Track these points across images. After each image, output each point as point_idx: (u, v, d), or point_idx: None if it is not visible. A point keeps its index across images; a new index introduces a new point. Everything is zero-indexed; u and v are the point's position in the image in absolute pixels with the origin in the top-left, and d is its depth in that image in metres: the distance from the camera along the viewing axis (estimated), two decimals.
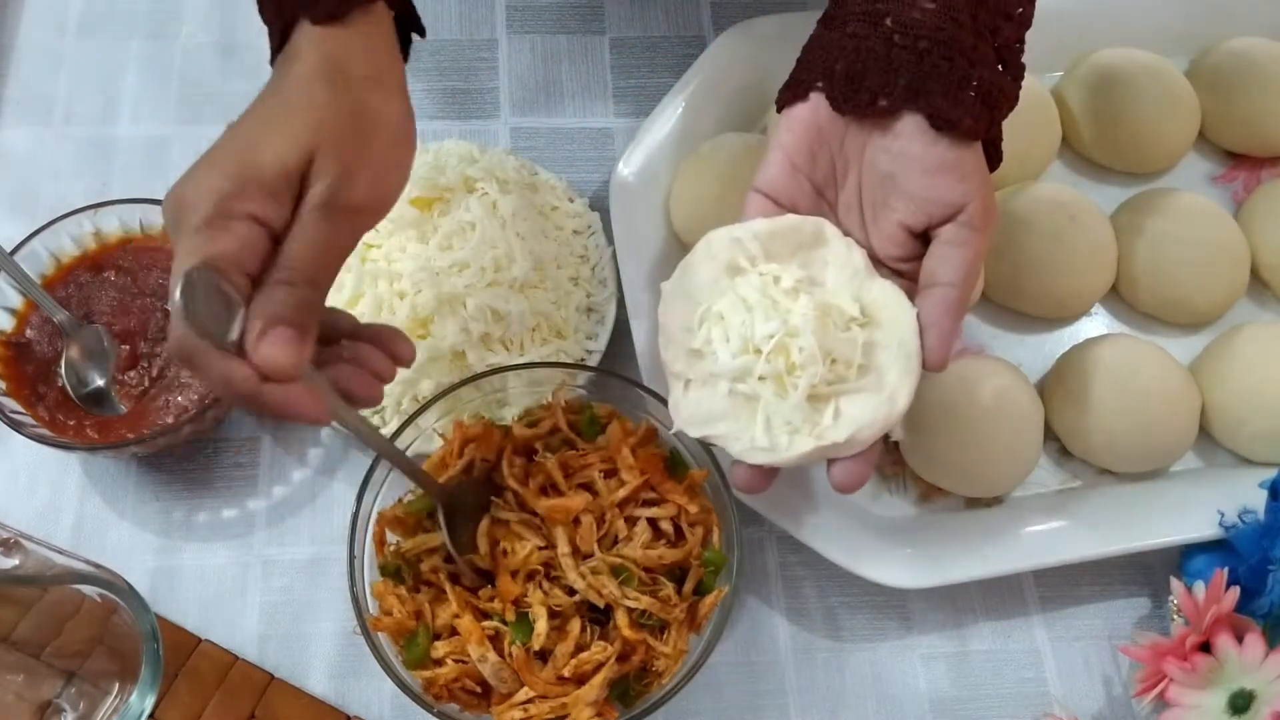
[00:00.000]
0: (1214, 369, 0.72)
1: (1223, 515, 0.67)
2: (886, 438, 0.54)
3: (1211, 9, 0.86)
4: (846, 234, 0.56)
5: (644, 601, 0.57)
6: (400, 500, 0.62)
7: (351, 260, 0.69)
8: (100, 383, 0.67)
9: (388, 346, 0.54)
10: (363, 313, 0.68)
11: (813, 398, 0.52)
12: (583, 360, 0.71)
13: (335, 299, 0.69)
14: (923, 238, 0.55)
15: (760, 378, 0.52)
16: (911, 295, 0.54)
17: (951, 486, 0.70)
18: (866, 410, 0.51)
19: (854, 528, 0.67)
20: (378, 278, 0.69)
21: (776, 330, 0.52)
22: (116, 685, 0.59)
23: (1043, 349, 0.76)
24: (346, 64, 0.50)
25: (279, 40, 0.51)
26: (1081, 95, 0.81)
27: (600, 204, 0.76)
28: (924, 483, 0.71)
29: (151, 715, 0.58)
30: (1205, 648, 0.62)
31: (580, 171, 0.82)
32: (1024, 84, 0.79)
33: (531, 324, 0.70)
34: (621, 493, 0.60)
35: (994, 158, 0.57)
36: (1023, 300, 0.76)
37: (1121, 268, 0.76)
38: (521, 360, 0.68)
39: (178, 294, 0.43)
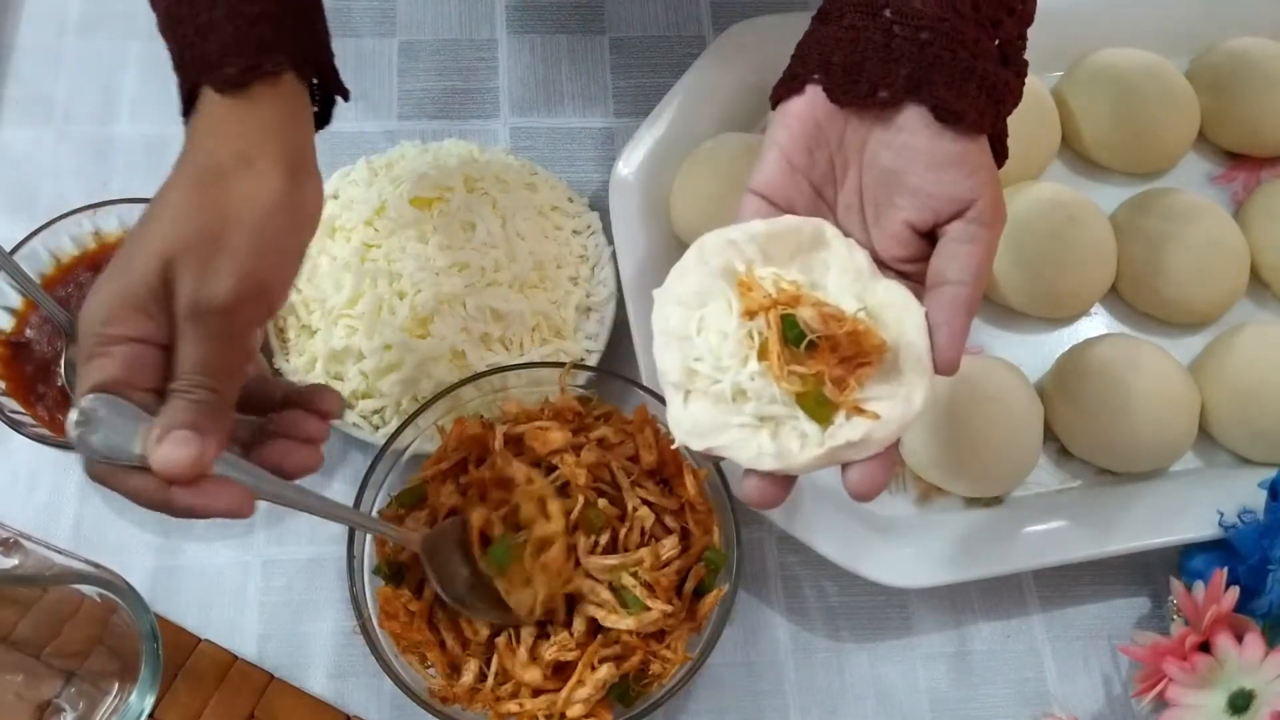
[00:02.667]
0: (1214, 369, 0.72)
1: (1222, 515, 0.67)
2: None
3: (1211, 9, 0.86)
4: (847, 235, 0.53)
5: (634, 623, 0.58)
6: (391, 498, 0.63)
7: (351, 260, 0.69)
8: None
9: (314, 406, 0.52)
10: (362, 312, 0.68)
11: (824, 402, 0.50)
12: (582, 360, 0.71)
13: (335, 299, 0.69)
14: (928, 237, 0.53)
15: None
16: (918, 297, 0.52)
17: (951, 486, 0.70)
18: (881, 410, 0.49)
19: (854, 527, 0.67)
20: (377, 277, 0.69)
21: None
22: (116, 685, 0.59)
23: (1043, 349, 0.75)
24: (220, 154, 0.49)
25: (187, 100, 0.51)
26: (1081, 95, 0.81)
27: (600, 204, 0.76)
28: (924, 483, 0.71)
29: (151, 715, 0.58)
30: (1205, 648, 0.62)
31: (580, 171, 0.82)
32: (1024, 84, 0.80)
33: (531, 324, 0.70)
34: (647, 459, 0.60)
35: (1000, 154, 0.55)
36: (1023, 300, 0.76)
37: (1121, 268, 0.76)
38: (521, 360, 0.68)
39: (71, 428, 0.44)
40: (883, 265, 0.53)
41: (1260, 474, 0.69)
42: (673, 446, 0.50)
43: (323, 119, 0.56)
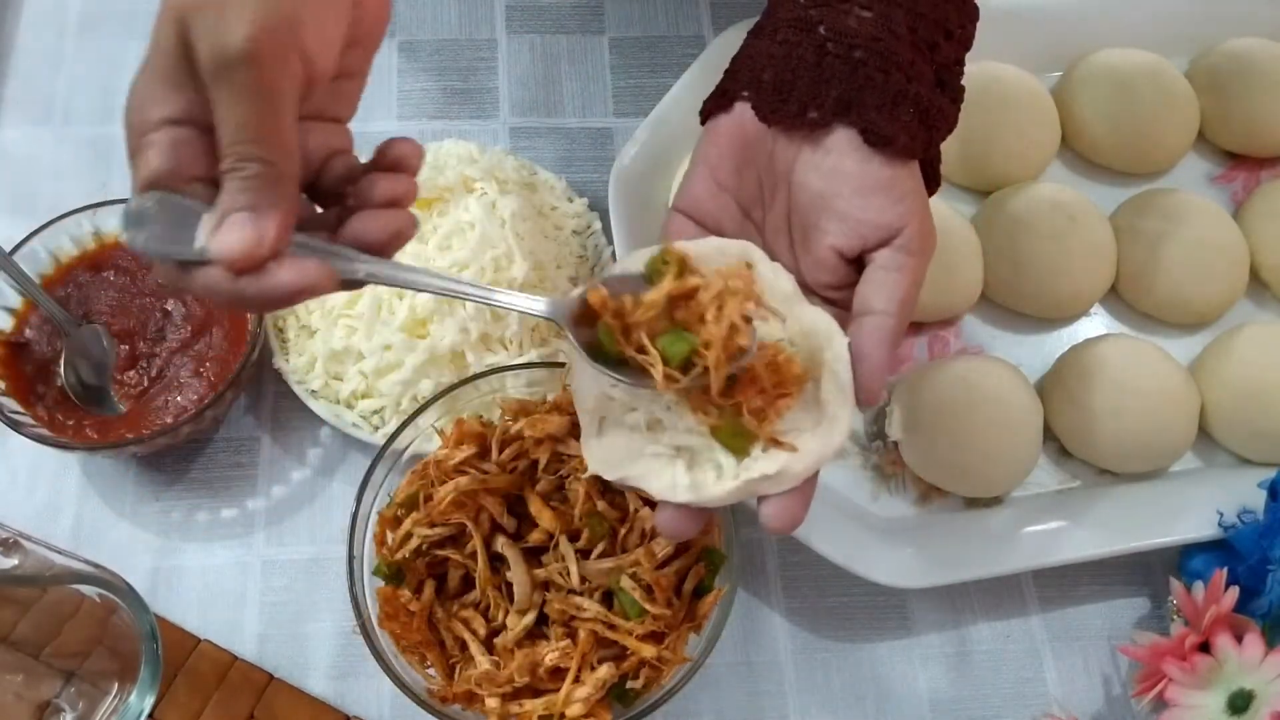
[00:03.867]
0: (1214, 369, 0.72)
1: (1222, 515, 0.67)
2: (885, 439, 0.50)
3: (1211, 9, 0.86)
4: (775, 259, 0.50)
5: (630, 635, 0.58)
6: (391, 499, 0.63)
7: None
8: (99, 382, 0.67)
9: (390, 162, 0.47)
10: (362, 313, 0.68)
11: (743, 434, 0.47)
12: None
13: (334, 299, 0.69)
14: (856, 263, 0.51)
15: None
16: (844, 325, 0.49)
17: (951, 486, 0.70)
18: (800, 443, 0.46)
19: (854, 528, 0.67)
20: None
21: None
22: (116, 685, 0.59)
23: (1042, 349, 0.75)
24: None
25: None
26: (1081, 95, 0.81)
27: (600, 204, 0.76)
28: (923, 483, 0.71)
29: (151, 715, 0.58)
30: (1204, 648, 0.62)
31: (580, 171, 0.82)
32: (1024, 84, 0.80)
33: (531, 324, 0.70)
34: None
35: (932, 180, 0.53)
36: (1022, 300, 0.76)
37: (1121, 268, 0.76)
38: (520, 360, 0.68)
39: (124, 230, 0.41)
40: (809, 291, 0.51)
41: (1260, 474, 0.69)
42: (584, 476, 0.49)
43: None
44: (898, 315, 0.48)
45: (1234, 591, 0.62)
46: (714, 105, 0.53)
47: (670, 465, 0.47)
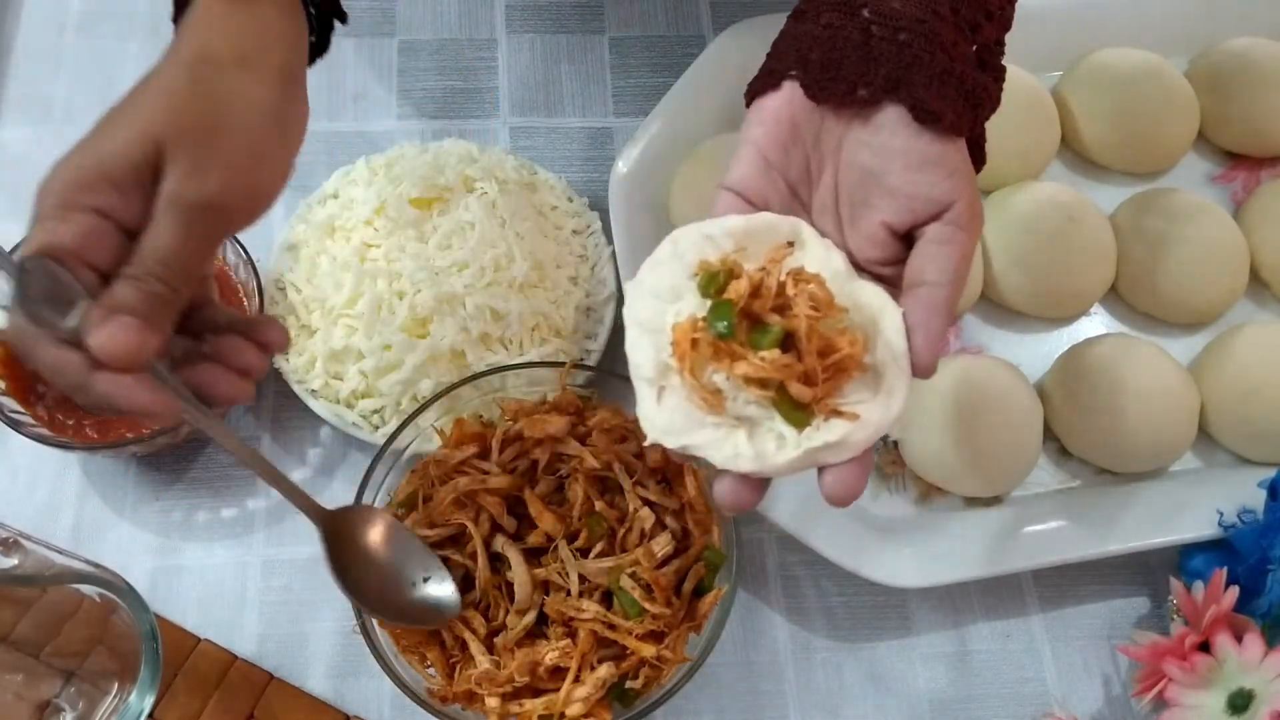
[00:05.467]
0: (1214, 369, 0.72)
1: (1222, 515, 0.67)
2: (885, 439, 0.51)
3: (1211, 9, 0.86)
4: (822, 236, 0.52)
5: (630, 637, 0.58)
6: (391, 498, 0.63)
7: (351, 260, 0.69)
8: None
9: (258, 336, 0.51)
10: (362, 312, 0.68)
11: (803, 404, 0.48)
12: (582, 360, 0.71)
13: (334, 299, 0.69)
14: (904, 239, 0.52)
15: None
16: (895, 299, 0.50)
17: (951, 486, 0.70)
18: (860, 412, 0.47)
19: (853, 527, 0.67)
20: (377, 277, 0.69)
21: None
22: (115, 685, 0.59)
23: (1042, 349, 0.75)
24: (217, 48, 0.48)
25: (179, 2, 0.51)
26: (1081, 95, 0.81)
27: (600, 204, 0.76)
28: (923, 482, 0.71)
29: (151, 715, 0.58)
30: (1204, 647, 0.62)
31: (579, 171, 0.82)
32: (1024, 84, 0.80)
33: (531, 324, 0.70)
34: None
35: (978, 159, 0.54)
36: (1023, 300, 0.76)
37: (1121, 268, 0.76)
38: (520, 360, 0.68)
39: (11, 282, 0.43)
40: (857, 267, 0.52)
41: (1260, 474, 0.69)
42: (645, 444, 0.49)
43: (320, 47, 0.55)
44: (951, 286, 0.49)
45: (1234, 591, 0.62)
46: (760, 86, 0.53)
47: (731, 435, 0.47)
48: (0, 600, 0.60)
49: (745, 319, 0.46)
